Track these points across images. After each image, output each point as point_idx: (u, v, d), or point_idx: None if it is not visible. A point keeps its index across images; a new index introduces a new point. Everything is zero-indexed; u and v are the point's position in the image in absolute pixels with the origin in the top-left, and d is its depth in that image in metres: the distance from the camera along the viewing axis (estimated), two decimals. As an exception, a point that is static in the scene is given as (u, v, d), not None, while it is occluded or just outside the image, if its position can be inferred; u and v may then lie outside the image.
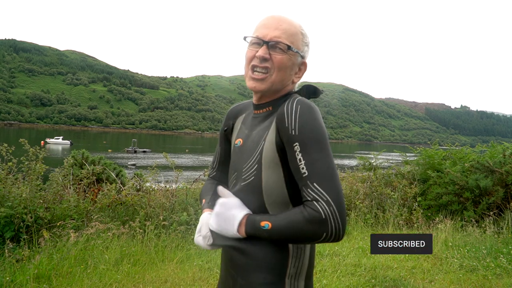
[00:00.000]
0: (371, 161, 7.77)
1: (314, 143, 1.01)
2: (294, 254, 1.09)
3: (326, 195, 0.97)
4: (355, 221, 5.74)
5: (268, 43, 1.12)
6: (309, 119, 1.03)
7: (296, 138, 1.02)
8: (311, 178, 0.99)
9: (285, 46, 1.12)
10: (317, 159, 1.00)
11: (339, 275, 3.73)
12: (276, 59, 1.12)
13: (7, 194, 3.95)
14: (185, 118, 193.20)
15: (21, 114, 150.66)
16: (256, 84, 1.15)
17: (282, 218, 1.02)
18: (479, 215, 5.57)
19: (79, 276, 3.27)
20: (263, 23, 1.16)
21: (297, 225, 0.98)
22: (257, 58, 1.13)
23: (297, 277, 1.10)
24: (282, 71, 1.14)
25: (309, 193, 0.99)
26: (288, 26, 1.14)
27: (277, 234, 1.02)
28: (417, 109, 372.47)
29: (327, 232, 0.96)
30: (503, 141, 7.43)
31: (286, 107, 1.07)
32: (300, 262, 1.10)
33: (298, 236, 1.00)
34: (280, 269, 1.08)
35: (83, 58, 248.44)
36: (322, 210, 0.96)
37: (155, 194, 5.39)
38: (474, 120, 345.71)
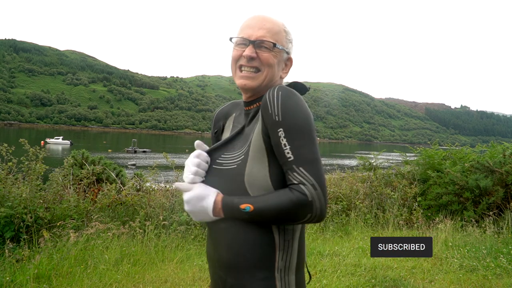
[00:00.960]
0: (371, 161, 7.77)
1: (298, 128, 1.04)
2: (281, 247, 1.09)
3: (312, 179, 1.01)
4: (355, 221, 5.74)
5: (254, 42, 1.15)
6: (291, 104, 1.05)
7: (280, 124, 1.04)
8: (296, 163, 1.02)
9: (271, 44, 1.16)
10: (302, 144, 1.03)
11: (339, 275, 3.73)
12: (263, 57, 1.16)
13: (7, 194, 3.95)
14: (185, 118, 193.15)
15: (21, 114, 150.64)
16: (246, 82, 1.17)
17: (265, 200, 1.03)
18: (479, 215, 5.57)
19: (79, 276, 3.27)
20: (247, 24, 1.19)
21: (282, 207, 1.01)
22: (244, 57, 1.16)
23: (287, 271, 1.10)
24: (271, 68, 1.17)
25: (295, 176, 1.02)
26: (272, 25, 1.18)
27: (260, 216, 1.04)
28: (417, 109, 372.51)
29: (311, 213, 1.01)
30: (503, 141, 7.43)
31: (268, 94, 1.08)
32: (288, 255, 1.10)
33: (282, 217, 1.03)
34: (269, 264, 1.08)
35: (83, 58, 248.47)
36: (309, 193, 1.00)
37: (155, 194, 5.39)
38: (474, 120, 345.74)
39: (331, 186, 6.79)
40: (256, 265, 1.07)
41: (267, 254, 1.08)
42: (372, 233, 5.48)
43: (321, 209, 1.02)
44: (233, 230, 1.09)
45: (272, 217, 1.03)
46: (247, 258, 1.08)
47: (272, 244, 1.08)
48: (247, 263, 1.08)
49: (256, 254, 1.07)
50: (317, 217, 1.02)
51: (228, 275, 1.10)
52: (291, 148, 1.02)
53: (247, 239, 1.08)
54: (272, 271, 1.08)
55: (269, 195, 1.05)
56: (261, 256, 1.08)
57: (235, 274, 1.09)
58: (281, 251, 1.09)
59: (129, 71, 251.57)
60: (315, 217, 1.02)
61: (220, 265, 1.13)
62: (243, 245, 1.08)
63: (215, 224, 1.13)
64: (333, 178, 7.58)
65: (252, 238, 1.08)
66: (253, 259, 1.08)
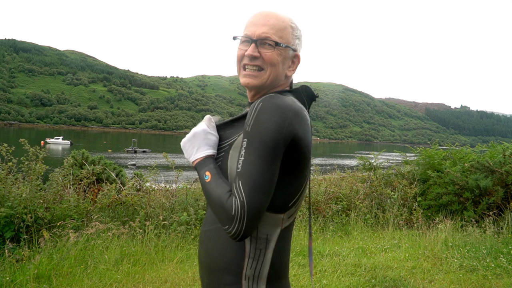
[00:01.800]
0: (371, 161, 7.77)
1: (258, 144, 0.97)
2: (251, 255, 1.07)
3: (243, 197, 0.95)
4: (355, 221, 5.74)
5: (256, 41, 1.11)
6: (263, 118, 0.98)
7: (247, 134, 1.00)
8: (239, 175, 0.98)
9: (273, 43, 1.11)
10: (253, 160, 0.97)
11: (339, 275, 3.73)
12: (266, 56, 1.11)
13: (7, 194, 3.95)
14: (185, 118, 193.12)
15: (21, 114, 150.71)
16: (249, 80, 1.14)
17: (218, 184, 1.03)
18: (479, 215, 5.57)
19: (79, 276, 3.27)
20: (251, 21, 1.15)
21: (218, 200, 0.99)
22: (247, 56, 1.12)
23: (256, 279, 1.07)
24: (274, 67, 1.13)
25: (233, 187, 0.98)
26: (276, 21, 1.13)
27: (205, 190, 1.05)
28: (417, 109, 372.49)
29: (229, 227, 0.97)
30: (503, 141, 7.43)
31: (253, 103, 1.05)
32: (258, 264, 1.07)
33: (213, 209, 1.02)
34: (236, 270, 1.07)
35: (83, 58, 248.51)
36: (234, 208, 0.95)
37: (155, 194, 5.39)
38: (474, 120, 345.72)
39: (331, 186, 6.79)
40: (224, 268, 1.08)
41: (235, 260, 1.07)
42: (372, 233, 5.48)
43: (239, 230, 0.95)
44: (210, 234, 1.12)
45: (208, 199, 1.04)
46: (217, 261, 1.09)
47: (241, 251, 1.07)
48: (217, 265, 1.09)
49: (225, 259, 1.08)
50: (233, 234, 0.97)
51: (204, 274, 1.14)
52: (243, 160, 0.98)
53: (220, 243, 1.09)
54: (239, 277, 1.07)
55: (224, 182, 1.03)
56: (229, 261, 1.07)
57: (208, 274, 1.12)
58: (251, 259, 1.07)
59: (129, 71, 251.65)
60: (231, 233, 0.97)
61: (200, 264, 1.18)
62: (216, 249, 1.10)
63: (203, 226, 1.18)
64: (333, 178, 7.59)
65: (224, 242, 1.08)
66: (222, 262, 1.08)
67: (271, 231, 1.08)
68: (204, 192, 1.06)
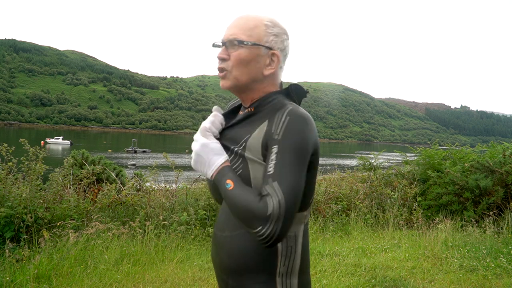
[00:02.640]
0: (371, 161, 7.77)
1: (292, 151, 1.01)
2: (283, 253, 1.10)
3: (282, 196, 0.96)
4: (355, 221, 5.74)
5: (225, 43, 1.15)
6: (294, 129, 1.03)
7: (277, 142, 1.02)
8: (273, 176, 0.99)
9: (238, 41, 1.12)
10: (287, 164, 1.00)
11: (339, 275, 3.73)
12: (233, 56, 1.13)
13: (7, 194, 3.95)
14: (185, 118, 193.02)
15: (21, 114, 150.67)
16: (222, 82, 1.17)
17: (242, 190, 1.02)
18: (479, 215, 5.57)
19: (79, 276, 3.27)
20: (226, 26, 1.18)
21: (246, 204, 0.98)
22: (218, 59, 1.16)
23: (289, 275, 1.11)
24: (242, 66, 1.13)
25: (266, 188, 0.99)
26: (245, 21, 1.14)
27: (228, 199, 1.04)
28: (417, 109, 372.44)
29: (262, 228, 0.95)
30: (503, 141, 7.42)
31: (278, 115, 1.07)
32: (290, 261, 1.11)
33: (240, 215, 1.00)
34: (270, 269, 1.09)
35: (83, 58, 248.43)
36: (272, 207, 0.95)
37: (155, 194, 5.39)
38: (474, 120, 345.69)
39: (331, 186, 6.79)
40: (257, 269, 1.09)
41: (268, 260, 1.09)
42: (372, 233, 5.48)
43: (274, 231, 0.95)
44: (235, 238, 1.12)
45: (235, 208, 1.02)
46: (247, 264, 1.10)
47: (274, 250, 1.09)
48: (247, 268, 1.10)
49: (257, 260, 1.09)
50: (266, 236, 0.96)
51: (230, 278, 1.14)
52: (275, 163, 1.00)
53: (249, 246, 1.09)
54: (273, 275, 1.09)
55: (248, 189, 1.04)
56: (262, 262, 1.09)
57: (236, 277, 1.12)
58: (283, 257, 1.10)
59: (129, 71, 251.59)
60: (263, 234, 0.95)
61: (222, 268, 1.17)
62: (245, 252, 1.10)
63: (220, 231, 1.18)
64: (333, 178, 7.58)
65: (254, 245, 1.09)
66: (254, 264, 1.09)
67: (297, 228, 1.12)
68: (228, 200, 1.04)
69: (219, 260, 1.18)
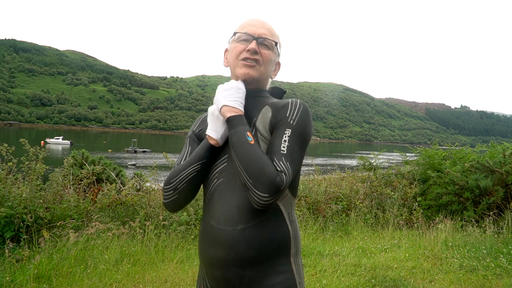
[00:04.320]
0: (371, 161, 7.77)
1: (302, 138, 1.18)
2: (292, 235, 1.22)
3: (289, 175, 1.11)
4: (355, 221, 5.74)
5: (257, 39, 1.24)
6: (306, 119, 1.20)
7: (291, 127, 1.17)
8: (286, 157, 1.13)
9: (272, 43, 1.27)
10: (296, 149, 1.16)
11: (339, 275, 3.73)
12: (264, 54, 1.25)
13: (7, 194, 3.95)
14: (185, 118, 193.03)
15: (21, 114, 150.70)
16: (249, 70, 1.24)
17: (261, 151, 1.13)
18: (479, 215, 5.57)
19: (79, 276, 3.27)
20: (249, 23, 1.28)
21: (263, 165, 1.08)
22: (249, 51, 1.23)
23: (297, 255, 1.24)
24: (268, 65, 1.28)
25: (280, 165, 1.11)
26: (270, 27, 1.30)
27: (246, 152, 1.11)
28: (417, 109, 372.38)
29: (268, 196, 1.07)
30: (503, 141, 7.42)
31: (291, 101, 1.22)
32: (297, 241, 1.24)
33: (252, 174, 1.08)
34: (285, 251, 1.20)
35: (83, 58, 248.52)
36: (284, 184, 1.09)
37: (155, 194, 5.39)
38: (474, 120, 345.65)
39: (331, 186, 6.78)
40: (276, 254, 1.18)
41: (284, 244, 1.19)
42: (372, 233, 5.48)
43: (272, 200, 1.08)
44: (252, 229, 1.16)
45: (248, 162, 1.09)
46: (267, 251, 1.17)
47: (287, 235, 1.20)
48: (266, 255, 1.17)
49: (276, 246, 1.18)
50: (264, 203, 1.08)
51: (247, 269, 1.16)
52: (288, 146, 1.14)
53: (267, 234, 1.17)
54: (288, 257, 1.20)
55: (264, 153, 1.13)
56: (280, 247, 1.19)
57: (256, 266, 1.16)
58: (293, 239, 1.22)
59: (129, 71, 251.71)
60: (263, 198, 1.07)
61: (236, 263, 1.16)
62: (266, 242, 1.17)
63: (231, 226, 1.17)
64: (333, 178, 7.58)
65: (272, 232, 1.17)
66: (273, 251, 1.18)
67: (294, 213, 1.27)
68: (245, 153, 1.11)
69: (232, 255, 1.16)
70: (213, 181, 1.25)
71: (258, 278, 1.16)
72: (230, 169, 1.21)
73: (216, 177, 1.24)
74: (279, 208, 1.20)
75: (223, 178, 1.22)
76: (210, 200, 1.24)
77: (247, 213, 1.16)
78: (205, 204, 1.27)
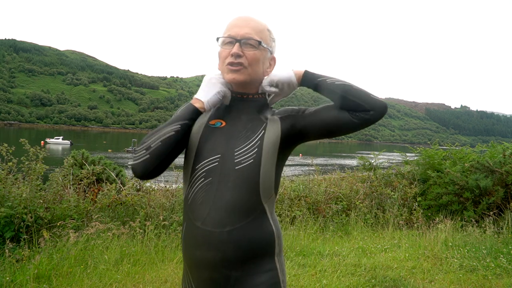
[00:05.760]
0: (371, 161, 7.77)
1: None
2: (277, 235, 1.22)
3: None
4: (355, 221, 5.73)
5: (240, 41, 1.20)
6: None
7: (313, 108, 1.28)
8: None
9: (256, 42, 1.21)
10: None
11: (339, 275, 3.73)
12: (249, 55, 1.21)
13: (7, 194, 3.95)
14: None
15: (21, 114, 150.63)
16: (235, 75, 1.21)
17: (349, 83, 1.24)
18: (479, 215, 5.57)
19: (79, 276, 3.27)
20: (233, 24, 1.24)
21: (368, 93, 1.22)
22: (232, 55, 1.20)
23: (280, 253, 1.25)
24: (256, 66, 1.23)
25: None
26: (256, 24, 1.24)
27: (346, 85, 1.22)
28: (417, 109, 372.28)
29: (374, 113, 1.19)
30: (503, 141, 7.42)
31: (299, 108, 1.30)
32: (280, 240, 1.25)
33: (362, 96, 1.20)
34: (271, 251, 1.21)
35: (83, 58, 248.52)
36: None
37: (155, 194, 5.39)
38: (474, 120, 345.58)
39: (331, 186, 6.78)
40: (262, 254, 1.19)
41: (270, 243, 1.20)
42: (372, 233, 5.48)
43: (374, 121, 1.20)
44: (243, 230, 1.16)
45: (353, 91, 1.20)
46: (255, 251, 1.18)
47: (272, 235, 1.21)
48: (255, 254, 1.18)
49: (263, 246, 1.19)
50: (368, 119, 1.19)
51: (234, 270, 1.16)
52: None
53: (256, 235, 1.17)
54: (273, 256, 1.21)
55: None
56: (266, 247, 1.20)
57: (242, 266, 1.17)
58: (277, 238, 1.23)
59: (129, 71, 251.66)
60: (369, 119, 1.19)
61: (223, 264, 1.16)
62: (253, 242, 1.17)
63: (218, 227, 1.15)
64: (333, 178, 7.58)
65: (257, 234, 1.18)
66: (260, 250, 1.18)
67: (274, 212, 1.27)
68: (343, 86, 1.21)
69: (220, 256, 1.15)
70: (199, 180, 1.19)
71: (244, 277, 1.17)
72: (221, 169, 1.18)
73: (204, 176, 1.19)
74: (264, 209, 1.20)
75: (211, 178, 1.18)
76: (194, 201, 1.19)
77: (235, 215, 1.15)
78: (187, 204, 1.22)
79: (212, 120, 1.27)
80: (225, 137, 1.22)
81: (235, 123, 1.24)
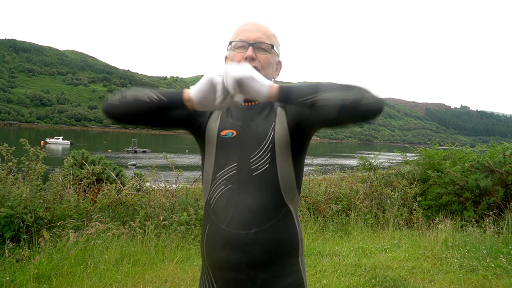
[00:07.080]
0: (371, 161, 7.77)
1: None
2: (300, 236, 1.25)
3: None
4: (355, 221, 5.73)
5: (253, 44, 1.22)
6: None
7: None
8: None
9: (269, 46, 1.25)
10: None
11: (339, 275, 3.73)
12: (261, 58, 1.23)
13: (7, 194, 3.95)
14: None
15: (21, 114, 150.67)
16: None
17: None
18: (479, 215, 5.57)
19: (79, 276, 3.27)
20: (243, 28, 1.26)
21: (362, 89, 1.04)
22: (247, 58, 1.21)
23: (302, 254, 1.28)
24: (268, 69, 1.25)
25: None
26: (265, 29, 1.27)
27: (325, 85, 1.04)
28: (417, 109, 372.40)
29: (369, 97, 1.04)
30: (503, 141, 7.42)
31: None
32: (303, 241, 1.27)
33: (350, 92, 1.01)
34: (295, 252, 1.24)
35: (83, 58, 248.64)
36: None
37: (155, 194, 5.39)
38: (474, 120, 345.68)
39: (331, 186, 6.78)
40: (288, 255, 1.22)
41: (294, 245, 1.23)
42: (372, 233, 5.48)
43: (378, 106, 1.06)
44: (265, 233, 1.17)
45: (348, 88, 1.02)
46: (279, 252, 1.19)
47: (297, 237, 1.24)
48: (279, 256, 1.19)
49: (289, 248, 1.22)
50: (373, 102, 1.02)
51: (261, 271, 1.18)
52: None
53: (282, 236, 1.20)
54: (296, 258, 1.24)
55: None
56: (291, 248, 1.22)
57: (268, 268, 1.18)
58: (301, 240, 1.26)
59: (129, 71, 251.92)
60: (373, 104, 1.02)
61: (249, 265, 1.17)
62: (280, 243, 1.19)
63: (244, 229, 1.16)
64: (333, 178, 7.58)
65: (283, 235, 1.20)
66: (286, 252, 1.21)
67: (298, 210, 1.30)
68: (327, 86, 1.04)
69: (246, 257, 1.16)
70: (220, 187, 1.23)
71: (271, 279, 1.18)
72: (239, 176, 1.21)
73: (224, 183, 1.22)
74: (290, 209, 1.22)
75: (232, 184, 1.21)
76: (216, 205, 1.22)
77: (261, 217, 1.17)
78: (209, 208, 1.25)
79: (223, 131, 1.27)
80: (238, 147, 1.23)
81: (245, 131, 1.24)
